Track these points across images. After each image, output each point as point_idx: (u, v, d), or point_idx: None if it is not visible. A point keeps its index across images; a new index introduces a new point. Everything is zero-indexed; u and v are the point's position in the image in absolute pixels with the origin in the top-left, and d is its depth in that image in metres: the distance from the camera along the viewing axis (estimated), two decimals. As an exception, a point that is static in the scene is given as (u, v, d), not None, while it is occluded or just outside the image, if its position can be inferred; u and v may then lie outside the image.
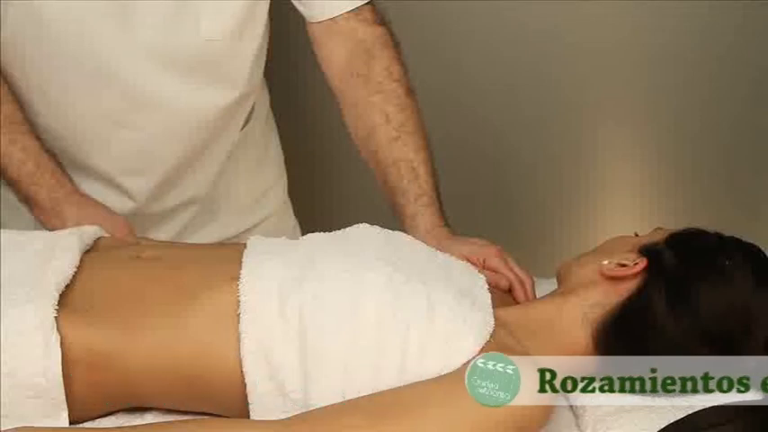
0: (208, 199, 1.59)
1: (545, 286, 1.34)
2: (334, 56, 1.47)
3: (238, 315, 1.11)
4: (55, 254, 1.17)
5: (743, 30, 2.14)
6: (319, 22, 1.47)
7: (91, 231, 1.28)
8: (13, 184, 1.40)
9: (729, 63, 2.17)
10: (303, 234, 1.68)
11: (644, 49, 2.16)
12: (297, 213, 1.80)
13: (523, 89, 2.21)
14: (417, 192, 1.41)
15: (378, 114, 1.44)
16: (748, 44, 2.15)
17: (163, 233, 1.55)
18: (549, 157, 2.25)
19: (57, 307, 1.10)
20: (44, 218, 1.38)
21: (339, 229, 1.26)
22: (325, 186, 2.27)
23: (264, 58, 1.54)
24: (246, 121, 1.59)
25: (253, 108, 1.59)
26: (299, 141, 2.01)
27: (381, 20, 1.49)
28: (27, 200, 1.40)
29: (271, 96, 1.71)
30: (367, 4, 1.47)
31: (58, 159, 1.42)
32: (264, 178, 1.69)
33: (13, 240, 1.22)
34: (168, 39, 1.39)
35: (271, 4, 1.48)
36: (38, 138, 1.41)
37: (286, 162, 1.78)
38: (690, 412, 1.10)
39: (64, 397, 1.08)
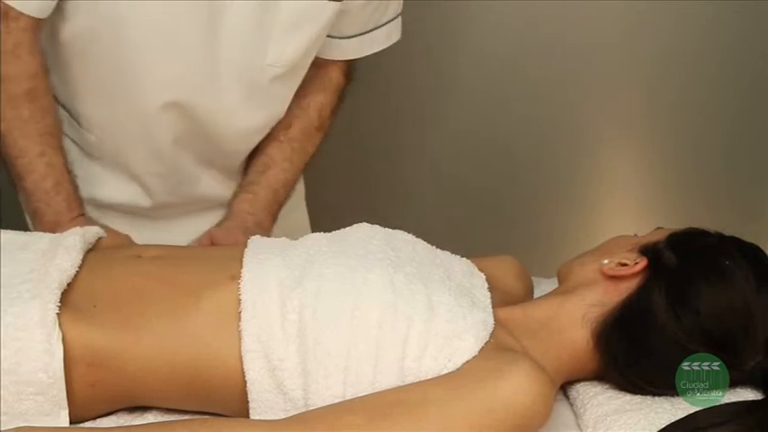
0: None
1: (545, 286, 1.35)
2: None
3: (239, 314, 1.11)
4: (58, 253, 1.17)
5: (743, 30, 2.14)
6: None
7: (93, 231, 1.29)
8: (24, 193, 1.40)
9: (729, 63, 2.17)
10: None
11: (644, 49, 2.16)
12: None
13: (523, 89, 2.20)
14: (252, 180, 1.53)
15: (284, 119, 1.53)
16: (748, 44, 2.15)
17: (184, 229, 1.57)
18: (549, 157, 2.25)
19: (59, 304, 1.10)
20: None
21: (333, 230, 1.26)
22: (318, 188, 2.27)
23: None
24: None
25: None
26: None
27: (352, 76, 1.59)
28: (34, 213, 1.41)
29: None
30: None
31: (74, 181, 1.43)
32: None
33: (16, 240, 1.23)
34: (242, 60, 1.42)
35: None
36: (64, 154, 1.42)
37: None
38: (690, 412, 1.10)
39: (65, 395, 1.08)
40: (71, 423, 1.10)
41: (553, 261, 1.32)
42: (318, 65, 1.53)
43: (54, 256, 1.16)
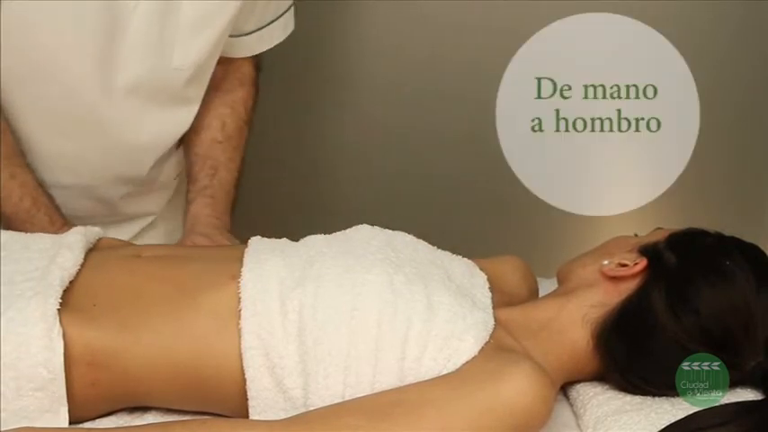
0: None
1: (545, 286, 1.35)
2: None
3: (239, 313, 1.11)
4: (60, 251, 1.17)
5: (743, 30, 2.14)
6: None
7: (95, 231, 1.29)
8: (6, 218, 1.39)
9: (729, 63, 2.17)
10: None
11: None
12: (297, 218, 1.80)
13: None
14: (206, 184, 1.52)
15: (216, 120, 1.55)
16: (748, 44, 2.15)
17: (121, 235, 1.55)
18: (549, 157, 2.25)
19: (60, 300, 1.10)
20: None
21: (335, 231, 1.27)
22: (323, 192, 2.27)
23: None
24: None
25: None
26: (298, 146, 2.01)
27: (260, 65, 1.61)
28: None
29: (273, 100, 1.71)
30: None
31: (48, 193, 1.42)
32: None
33: (18, 240, 1.23)
34: (147, 66, 1.40)
35: None
36: (32, 170, 1.41)
37: (283, 167, 1.79)
38: (690, 412, 1.10)
39: (64, 391, 1.08)
40: (71, 423, 1.10)
41: (553, 261, 1.32)
42: (229, 62, 1.55)
43: (56, 254, 1.17)
